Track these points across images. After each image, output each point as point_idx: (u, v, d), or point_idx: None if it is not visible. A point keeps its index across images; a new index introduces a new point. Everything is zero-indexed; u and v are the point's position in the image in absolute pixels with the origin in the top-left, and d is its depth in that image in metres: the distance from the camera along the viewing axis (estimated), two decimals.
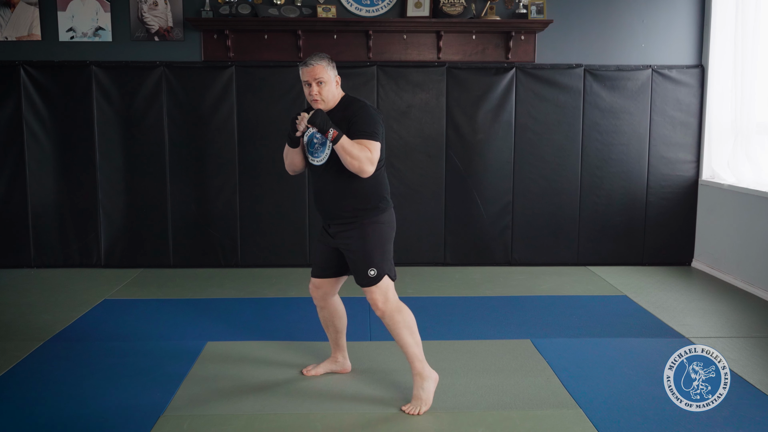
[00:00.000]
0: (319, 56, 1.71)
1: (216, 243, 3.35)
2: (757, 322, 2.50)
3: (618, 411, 1.73)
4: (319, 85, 1.69)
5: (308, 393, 1.85)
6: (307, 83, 1.70)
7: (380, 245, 1.72)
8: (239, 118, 3.28)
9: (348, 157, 1.65)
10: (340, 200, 1.74)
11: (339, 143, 1.64)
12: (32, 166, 3.26)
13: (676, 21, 3.32)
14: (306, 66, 1.69)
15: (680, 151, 3.38)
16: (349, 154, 1.65)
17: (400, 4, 3.25)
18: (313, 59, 1.69)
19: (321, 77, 1.68)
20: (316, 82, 1.68)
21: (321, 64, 1.68)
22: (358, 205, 1.73)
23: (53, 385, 1.89)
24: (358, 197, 1.73)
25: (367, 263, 1.71)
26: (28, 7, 3.21)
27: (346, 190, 1.72)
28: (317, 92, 1.69)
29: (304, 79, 1.70)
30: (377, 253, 1.71)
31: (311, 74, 1.68)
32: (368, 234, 1.72)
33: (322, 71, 1.68)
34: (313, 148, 1.75)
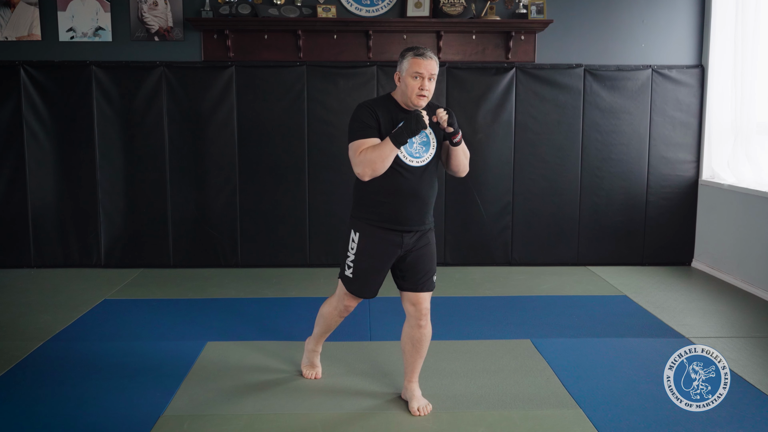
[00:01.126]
0: (432, 51, 1.65)
1: (216, 243, 3.35)
2: (757, 322, 2.50)
3: (618, 411, 1.73)
4: (431, 80, 1.59)
5: (308, 393, 1.85)
6: (417, 76, 1.57)
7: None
8: (239, 118, 3.28)
9: (464, 158, 1.68)
10: (428, 205, 1.67)
11: (462, 143, 1.65)
12: (32, 166, 3.26)
13: (676, 21, 3.32)
14: (423, 58, 1.57)
15: (680, 151, 3.38)
16: (465, 154, 1.67)
17: (400, 4, 3.25)
18: (431, 53, 1.59)
19: (435, 73, 1.59)
20: (431, 76, 1.59)
21: (437, 60, 1.61)
22: (433, 208, 1.70)
23: (53, 385, 1.89)
24: (435, 200, 1.70)
25: (433, 269, 1.70)
26: (28, 7, 3.21)
27: (432, 195, 1.67)
28: (428, 88, 1.59)
29: (416, 70, 1.57)
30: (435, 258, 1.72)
31: (428, 68, 1.57)
32: (433, 238, 1.72)
33: (437, 67, 1.60)
34: (412, 147, 1.62)
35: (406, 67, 1.60)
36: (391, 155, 1.58)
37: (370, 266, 1.67)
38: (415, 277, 1.67)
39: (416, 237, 1.67)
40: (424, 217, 1.67)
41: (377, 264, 1.67)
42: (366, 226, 1.66)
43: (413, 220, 1.64)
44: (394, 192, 1.62)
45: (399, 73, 1.63)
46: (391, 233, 1.64)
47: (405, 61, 1.60)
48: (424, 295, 1.69)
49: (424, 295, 1.69)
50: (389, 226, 1.64)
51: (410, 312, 1.71)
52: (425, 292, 1.69)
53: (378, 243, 1.65)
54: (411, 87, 1.59)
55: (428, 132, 1.66)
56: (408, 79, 1.59)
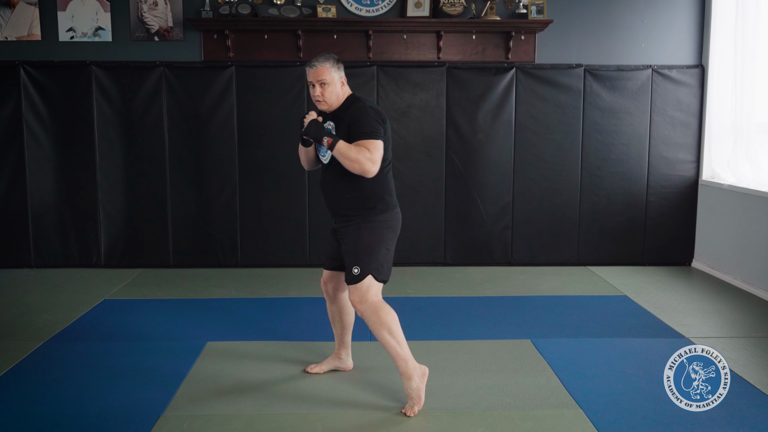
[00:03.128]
0: (324, 57, 1.73)
1: (216, 243, 3.35)
2: (757, 322, 2.50)
3: (618, 411, 1.73)
4: (322, 86, 1.72)
5: (308, 393, 1.85)
6: (311, 84, 1.73)
7: (370, 245, 1.72)
8: (239, 118, 3.28)
9: (347, 161, 1.68)
10: (340, 198, 1.77)
11: (336, 149, 1.68)
12: (32, 166, 3.26)
13: (676, 21, 3.32)
14: (310, 67, 1.73)
15: (680, 151, 3.38)
16: (347, 158, 1.67)
17: (400, 4, 3.25)
18: (318, 60, 1.72)
19: (324, 79, 1.71)
20: (319, 83, 1.72)
21: (325, 66, 1.71)
22: (357, 203, 1.75)
23: (53, 384, 1.89)
24: (357, 196, 1.74)
25: (352, 261, 1.72)
26: (28, 7, 3.21)
27: (346, 189, 1.75)
28: (320, 93, 1.73)
29: (308, 79, 1.74)
30: (365, 252, 1.71)
31: (314, 76, 1.72)
32: (361, 232, 1.73)
33: (325, 73, 1.71)
34: (321, 148, 1.81)
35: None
36: (303, 151, 1.84)
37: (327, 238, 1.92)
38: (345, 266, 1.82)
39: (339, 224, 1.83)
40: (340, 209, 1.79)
41: (330, 237, 1.90)
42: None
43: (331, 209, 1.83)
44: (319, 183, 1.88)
45: None
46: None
47: None
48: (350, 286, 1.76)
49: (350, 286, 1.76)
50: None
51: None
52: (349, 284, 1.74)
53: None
54: (311, 95, 1.77)
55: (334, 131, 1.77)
56: (309, 88, 1.77)
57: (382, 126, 1.72)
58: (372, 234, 1.73)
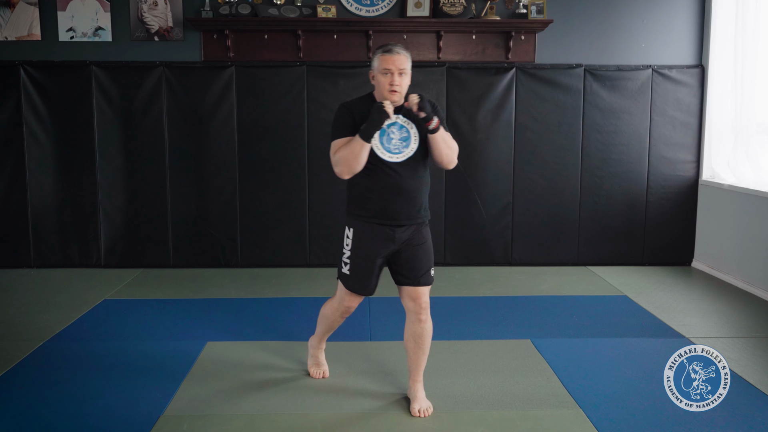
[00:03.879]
0: (401, 47, 1.64)
1: (216, 243, 3.35)
2: (758, 322, 2.50)
3: (618, 411, 1.74)
4: (401, 75, 1.61)
5: (308, 393, 1.85)
6: (387, 72, 1.60)
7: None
8: (239, 118, 3.28)
9: (446, 147, 1.63)
10: (417, 200, 1.66)
11: (439, 132, 1.61)
12: (32, 166, 3.26)
13: (676, 21, 3.32)
14: (390, 54, 1.60)
15: (680, 151, 3.38)
16: (446, 143, 1.63)
17: (400, 4, 3.25)
18: (399, 48, 1.62)
19: (405, 68, 1.62)
20: (399, 72, 1.60)
21: (406, 55, 1.62)
22: (426, 202, 1.70)
23: (53, 385, 1.89)
24: (426, 195, 1.69)
25: (430, 262, 1.70)
26: (28, 7, 3.21)
27: (420, 190, 1.66)
28: (399, 83, 1.61)
29: (385, 66, 1.60)
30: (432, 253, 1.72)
31: (396, 63, 1.60)
32: (428, 234, 1.71)
33: (406, 62, 1.62)
34: (390, 144, 1.64)
35: (376, 65, 1.64)
36: (363, 151, 1.59)
37: (365, 261, 1.68)
38: (412, 272, 1.68)
39: (409, 232, 1.68)
40: (414, 212, 1.67)
41: (371, 258, 1.67)
42: (358, 222, 1.68)
43: (402, 215, 1.66)
44: (380, 188, 1.64)
45: (372, 71, 1.67)
46: (383, 228, 1.66)
47: (376, 60, 1.64)
48: (423, 289, 1.70)
49: (422, 289, 1.70)
50: (379, 221, 1.66)
51: (410, 307, 1.71)
52: (424, 286, 1.70)
53: (371, 237, 1.66)
54: (382, 83, 1.62)
55: (409, 127, 1.66)
56: (379, 76, 1.63)
57: None
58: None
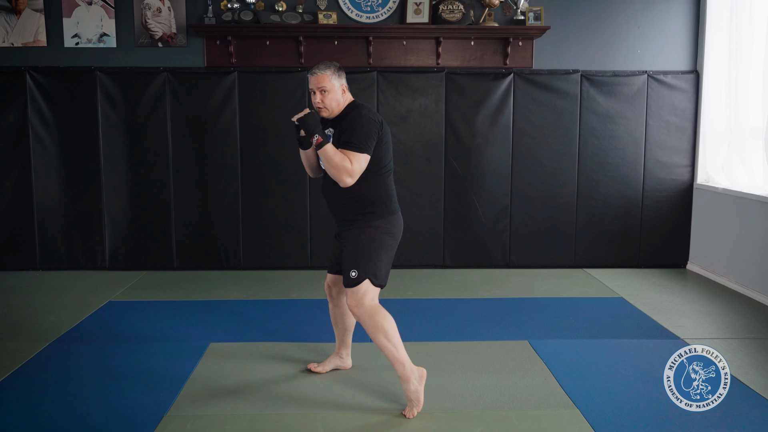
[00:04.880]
0: (325, 65, 1.76)
1: (219, 245, 3.39)
2: (751, 324, 2.53)
3: (614, 411, 1.75)
4: (323, 93, 1.75)
5: (310, 393, 1.87)
6: (312, 91, 1.77)
7: (369, 249, 1.73)
8: (241, 122, 3.32)
9: (327, 165, 1.71)
10: (341, 202, 1.80)
11: (322, 149, 1.69)
12: (38, 170, 3.30)
13: (671, 28, 3.36)
14: (311, 74, 1.77)
15: (675, 155, 3.42)
16: (328, 162, 1.69)
17: (399, 11, 3.29)
18: (319, 68, 1.76)
19: (324, 86, 1.75)
20: (320, 90, 1.76)
21: (326, 73, 1.75)
22: (357, 208, 1.77)
23: (58, 385, 1.91)
24: (357, 201, 1.77)
25: (350, 264, 1.73)
26: (34, 13, 3.26)
27: (346, 193, 1.76)
28: (320, 100, 1.76)
29: (309, 86, 1.78)
30: (362, 256, 1.72)
31: (315, 83, 1.76)
32: (360, 237, 1.75)
33: (325, 80, 1.75)
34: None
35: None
36: (303, 155, 1.85)
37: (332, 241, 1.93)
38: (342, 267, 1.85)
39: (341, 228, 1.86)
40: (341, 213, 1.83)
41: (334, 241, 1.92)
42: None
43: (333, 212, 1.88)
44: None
45: None
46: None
47: None
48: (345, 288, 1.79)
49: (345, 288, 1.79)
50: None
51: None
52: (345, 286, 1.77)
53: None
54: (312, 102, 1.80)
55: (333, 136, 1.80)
56: (311, 95, 1.80)
57: (374, 139, 1.71)
58: (371, 238, 1.74)
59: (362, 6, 3.28)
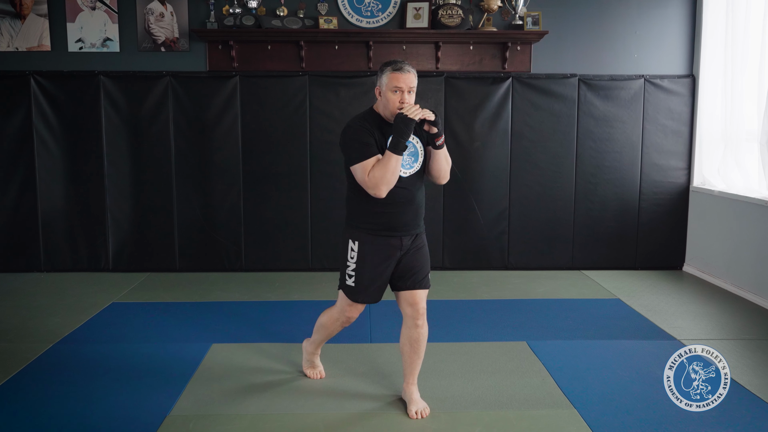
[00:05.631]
0: (409, 64, 1.64)
1: (221, 247, 3.41)
2: (747, 325, 2.55)
3: (611, 411, 1.77)
4: (410, 93, 1.62)
5: (311, 394, 1.89)
6: (397, 89, 1.60)
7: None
8: (243, 126, 3.35)
9: (446, 163, 1.69)
10: (420, 210, 1.72)
11: (444, 148, 1.66)
12: (42, 173, 3.32)
13: (667, 32, 3.39)
14: (401, 72, 1.60)
15: (672, 159, 3.45)
16: (447, 158, 1.70)
17: (399, 16, 3.32)
18: (408, 66, 1.62)
19: (413, 86, 1.62)
20: (410, 90, 1.61)
21: (414, 73, 1.63)
22: (423, 213, 1.75)
23: (62, 386, 1.92)
24: (423, 207, 1.75)
25: (428, 266, 1.76)
26: (38, 18, 3.29)
27: (422, 201, 1.72)
28: (408, 101, 1.61)
29: (395, 84, 1.60)
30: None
31: (407, 81, 1.60)
32: (425, 240, 1.78)
33: (415, 80, 1.62)
34: (403, 160, 1.65)
35: (385, 81, 1.62)
36: (398, 166, 1.60)
37: (373, 272, 1.69)
38: (411, 277, 1.71)
39: (413, 239, 1.73)
40: (419, 221, 1.74)
41: (378, 268, 1.69)
42: (364, 234, 1.68)
43: (410, 225, 1.70)
44: (392, 202, 1.65)
45: (379, 87, 1.65)
46: (390, 238, 1.69)
47: (384, 76, 1.63)
48: (421, 293, 1.72)
49: (420, 294, 1.72)
50: (388, 232, 1.68)
51: (407, 312, 1.73)
52: (422, 290, 1.73)
53: (379, 249, 1.68)
54: (392, 101, 1.61)
55: (414, 141, 1.68)
56: (388, 93, 1.61)
57: None
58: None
59: (362, 11, 3.32)
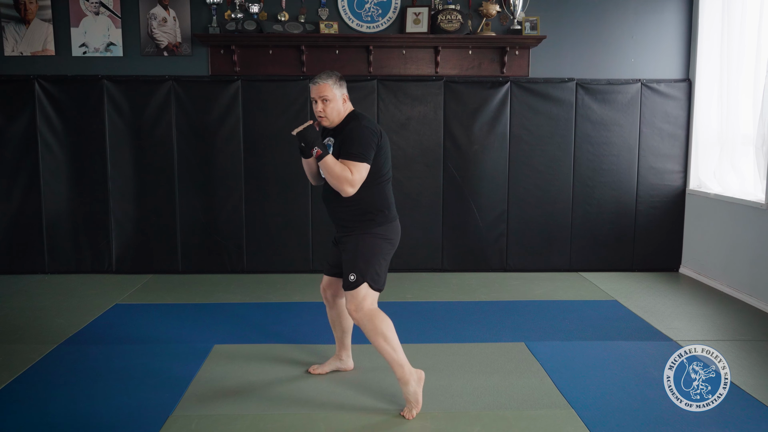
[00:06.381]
0: (327, 74, 1.78)
1: (223, 249, 3.44)
2: (742, 326, 2.57)
3: (608, 411, 1.78)
4: (324, 102, 1.78)
5: (311, 394, 1.90)
6: (314, 99, 1.80)
7: (367, 254, 1.76)
8: (245, 129, 3.38)
9: (328, 176, 1.74)
10: (340, 210, 1.83)
11: (323, 161, 1.72)
12: (46, 176, 3.35)
13: (664, 37, 3.43)
14: (313, 83, 1.79)
15: (668, 162, 3.48)
16: (329, 173, 1.72)
17: (399, 21, 3.36)
18: (321, 78, 1.78)
19: (326, 95, 1.77)
20: (321, 99, 1.78)
21: (327, 83, 1.77)
22: (356, 215, 1.80)
23: (66, 386, 1.94)
24: (357, 209, 1.80)
25: (350, 268, 1.76)
26: (43, 23, 3.33)
27: (345, 201, 1.78)
28: (321, 109, 1.79)
29: (311, 95, 1.81)
30: (362, 260, 1.76)
31: (316, 92, 1.79)
32: (359, 242, 1.78)
33: (326, 89, 1.77)
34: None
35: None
36: (305, 164, 1.87)
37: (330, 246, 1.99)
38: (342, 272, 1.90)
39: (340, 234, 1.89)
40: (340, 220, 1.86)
41: (332, 246, 1.98)
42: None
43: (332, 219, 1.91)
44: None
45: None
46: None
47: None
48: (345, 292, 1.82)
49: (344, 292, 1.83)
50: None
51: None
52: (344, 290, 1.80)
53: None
54: (314, 111, 1.83)
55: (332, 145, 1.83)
56: (312, 104, 1.82)
57: (373, 149, 1.74)
58: (370, 244, 1.77)
59: (363, 16, 3.36)
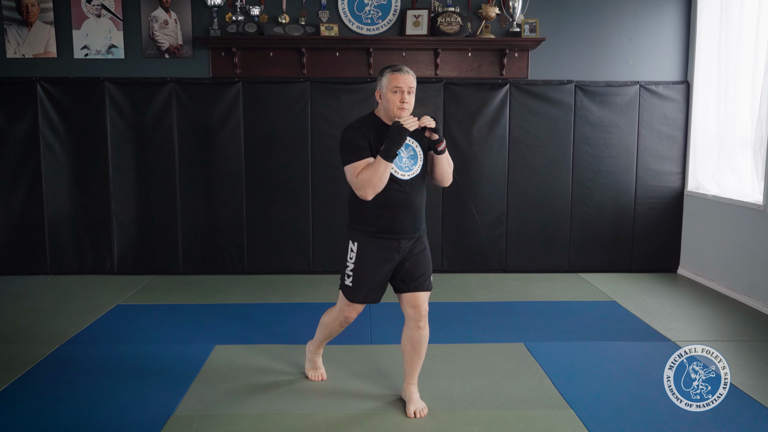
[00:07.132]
0: (408, 67, 1.68)
1: (223, 251, 3.45)
2: (740, 327, 2.58)
3: (607, 411, 1.79)
4: (410, 94, 1.67)
5: (312, 394, 1.92)
6: (397, 90, 1.65)
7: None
8: (246, 131, 3.39)
9: (448, 167, 1.74)
10: (421, 213, 1.75)
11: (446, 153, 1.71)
12: (48, 177, 3.36)
13: (662, 39, 3.45)
14: (401, 73, 1.65)
15: (667, 163, 3.50)
16: (449, 163, 1.74)
17: (399, 23, 3.37)
18: (407, 68, 1.67)
19: (413, 86, 1.67)
20: (408, 90, 1.66)
21: (413, 75, 1.67)
22: (425, 216, 1.78)
23: (68, 386, 1.95)
24: (424, 209, 1.77)
25: (430, 269, 1.77)
26: (45, 26, 3.35)
27: (423, 204, 1.75)
28: (408, 101, 1.66)
29: (395, 84, 1.65)
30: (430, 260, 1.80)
31: (407, 82, 1.65)
32: (426, 243, 1.79)
33: (414, 81, 1.67)
34: (402, 162, 1.69)
35: (385, 83, 1.67)
36: (386, 171, 1.64)
37: (370, 273, 1.72)
38: (413, 279, 1.74)
39: (412, 242, 1.74)
40: (418, 225, 1.75)
41: (376, 270, 1.72)
42: (364, 236, 1.72)
43: (410, 228, 1.72)
44: (389, 205, 1.69)
45: (380, 90, 1.70)
46: (388, 241, 1.72)
47: (384, 78, 1.68)
48: (423, 295, 1.75)
49: (422, 296, 1.75)
50: (386, 235, 1.71)
51: (409, 314, 1.77)
52: (423, 292, 1.75)
53: (377, 251, 1.72)
54: (392, 101, 1.66)
55: (414, 145, 1.72)
56: (389, 94, 1.66)
57: None
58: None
59: (363, 18, 3.38)
